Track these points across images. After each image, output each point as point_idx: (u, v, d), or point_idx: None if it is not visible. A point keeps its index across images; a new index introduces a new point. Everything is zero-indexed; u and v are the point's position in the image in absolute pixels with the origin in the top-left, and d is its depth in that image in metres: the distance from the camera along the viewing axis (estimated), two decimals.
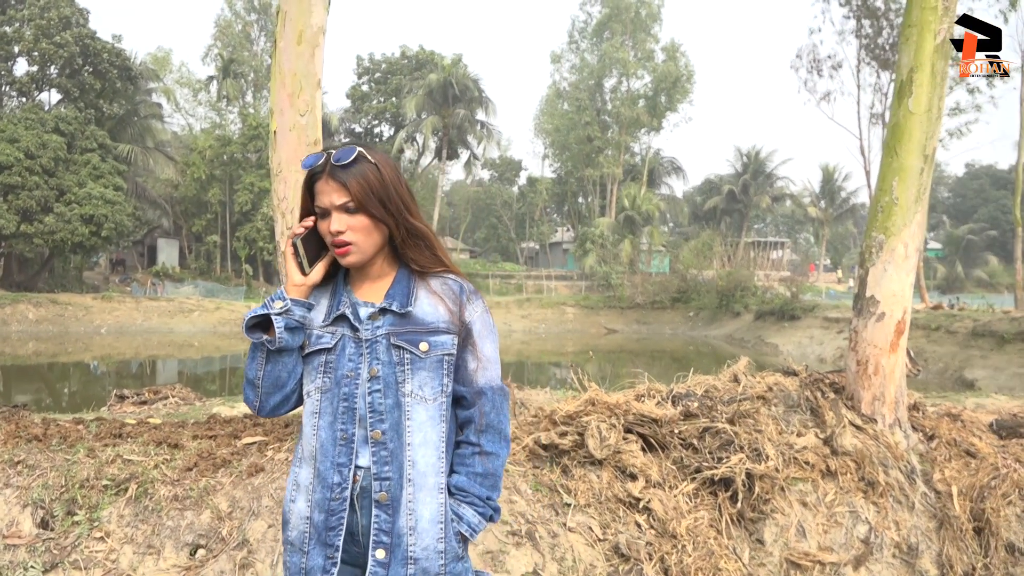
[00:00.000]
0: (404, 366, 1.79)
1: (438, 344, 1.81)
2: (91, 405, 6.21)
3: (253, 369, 1.84)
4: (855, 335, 4.40)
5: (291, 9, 3.67)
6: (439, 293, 1.86)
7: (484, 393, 1.87)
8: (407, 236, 1.84)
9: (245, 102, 46.88)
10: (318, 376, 1.83)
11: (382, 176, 1.78)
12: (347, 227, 1.76)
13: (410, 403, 1.78)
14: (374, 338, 1.80)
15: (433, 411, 1.81)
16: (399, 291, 1.84)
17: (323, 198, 1.77)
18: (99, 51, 34.06)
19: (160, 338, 30.51)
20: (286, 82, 3.71)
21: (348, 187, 1.74)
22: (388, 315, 1.82)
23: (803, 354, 25.82)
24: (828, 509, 3.93)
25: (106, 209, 31.52)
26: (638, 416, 4.02)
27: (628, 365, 26.18)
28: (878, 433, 4.16)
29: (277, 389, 1.84)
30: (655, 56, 47.89)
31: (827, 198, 55.16)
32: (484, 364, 1.88)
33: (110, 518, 3.56)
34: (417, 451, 1.78)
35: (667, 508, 3.72)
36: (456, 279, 1.90)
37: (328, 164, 1.77)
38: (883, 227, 4.25)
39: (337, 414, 1.80)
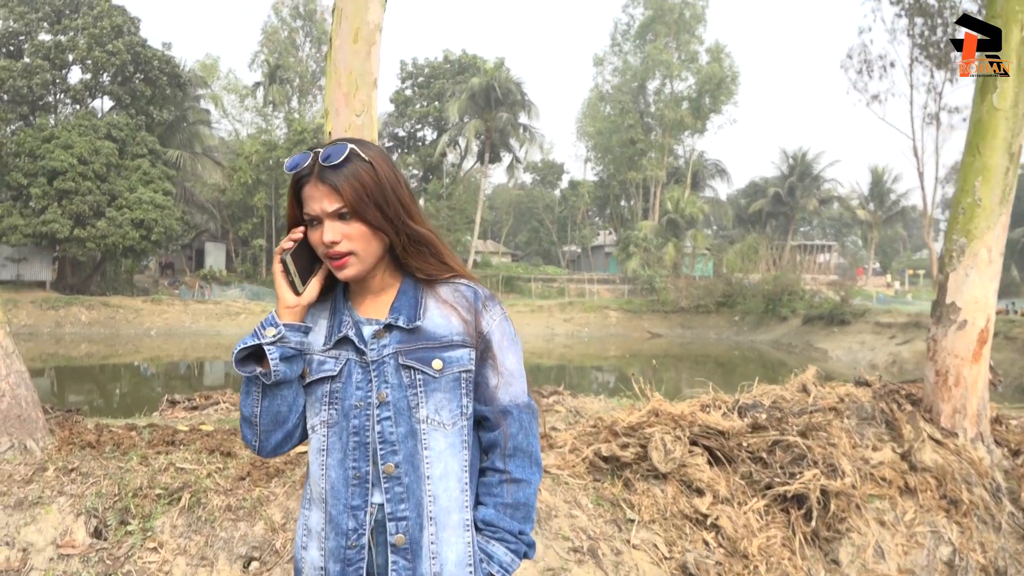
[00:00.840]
0: (417, 388, 1.56)
1: (453, 360, 1.59)
2: (142, 409, 6.21)
3: (248, 405, 1.61)
4: (934, 344, 4.17)
5: (347, 6, 3.57)
6: (451, 302, 1.63)
7: (509, 412, 1.65)
8: (408, 243, 1.61)
9: (290, 107, 47.45)
10: (323, 408, 1.60)
11: (378, 176, 1.55)
12: (342, 236, 1.53)
13: (426, 430, 1.56)
14: (381, 359, 1.58)
15: (453, 437, 1.59)
16: (405, 303, 1.62)
17: (313, 204, 1.54)
18: (149, 59, 34.70)
19: (207, 340, 30.97)
20: (341, 81, 3.61)
21: (340, 190, 1.51)
22: (395, 332, 1.59)
23: (853, 360, 25.25)
24: (908, 529, 3.72)
25: (156, 213, 32.09)
26: (704, 428, 3.84)
27: (672, 370, 25.86)
28: (960, 448, 3.93)
29: (277, 426, 1.62)
30: (699, 58, 47.43)
31: (876, 200, 53.97)
32: (507, 379, 1.65)
33: (163, 528, 3.49)
34: (437, 484, 1.56)
35: (737, 526, 3.53)
36: (469, 284, 1.68)
37: (316, 165, 1.54)
38: (965, 230, 4.02)
39: (347, 450, 1.56)
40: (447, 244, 1.70)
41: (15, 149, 31.50)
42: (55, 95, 35.57)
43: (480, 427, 1.67)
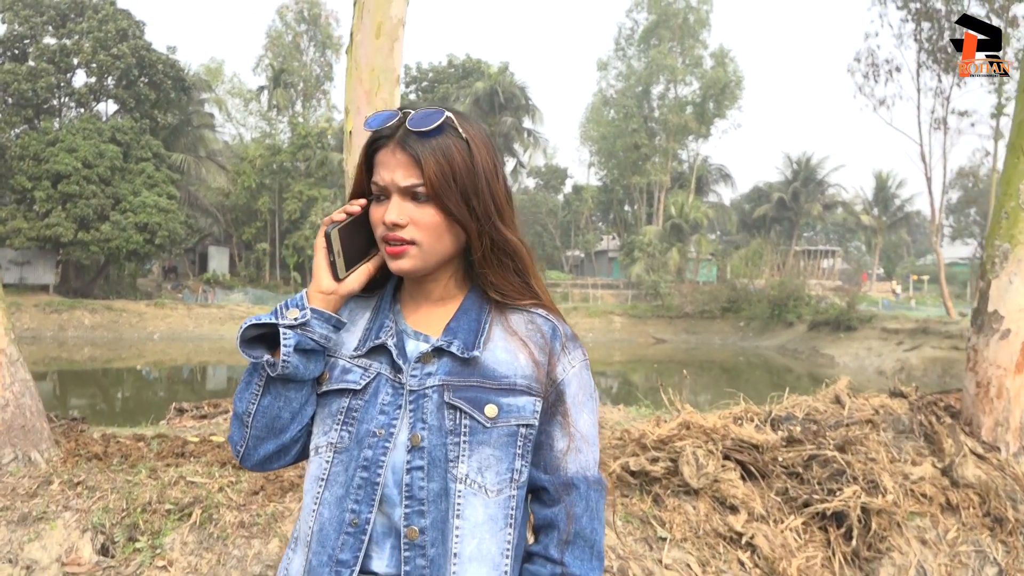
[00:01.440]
0: (460, 436, 1.23)
1: (513, 409, 1.25)
2: (146, 414, 6.06)
3: (244, 399, 1.28)
4: (974, 354, 4.01)
5: (369, 0, 3.43)
6: (521, 335, 1.31)
7: (575, 487, 1.30)
8: (492, 250, 1.30)
9: (295, 111, 47.36)
10: (333, 427, 1.27)
11: (472, 159, 1.25)
12: (409, 219, 1.24)
13: (463, 493, 1.22)
14: (421, 389, 1.25)
15: (496, 509, 1.24)
16: (465, 325, 1.30)
17: (384, 173, 1.24)
18: (154, 62, 34.62)
19: (211, 344, 30.84)
20: (363, 78, 3.46)
21: (422, 164, 1.21)
22: (445, 358, 1.27)
23: (861, 366, 25.06)
24: (950, 548, 3.55)
25: (160, 217, 31.99)
26: (736, 441, 3.68)
27: (677, 376, 25.69)
28: (1003, 463, 3.77)
29: (272, 434, 1.29)
30: (703, 62, 47.28)
31: (880, 205, 53.80)
32: (578, 443, 1.31)
33: (173, 545, 3.34)
34: (467, 567, 1.21)
35: (774, 545, 3.37)
36: (548, 317, 1.35)
37: (401, 128, 1.24)
38: (1008, 235, 3.86)
39: (350, 487, 1.23)
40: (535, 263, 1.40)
41: (19, 152, 31.39)
42: (59, 99, 35.47)
43: (534, 500, 1.34)
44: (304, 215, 42.16)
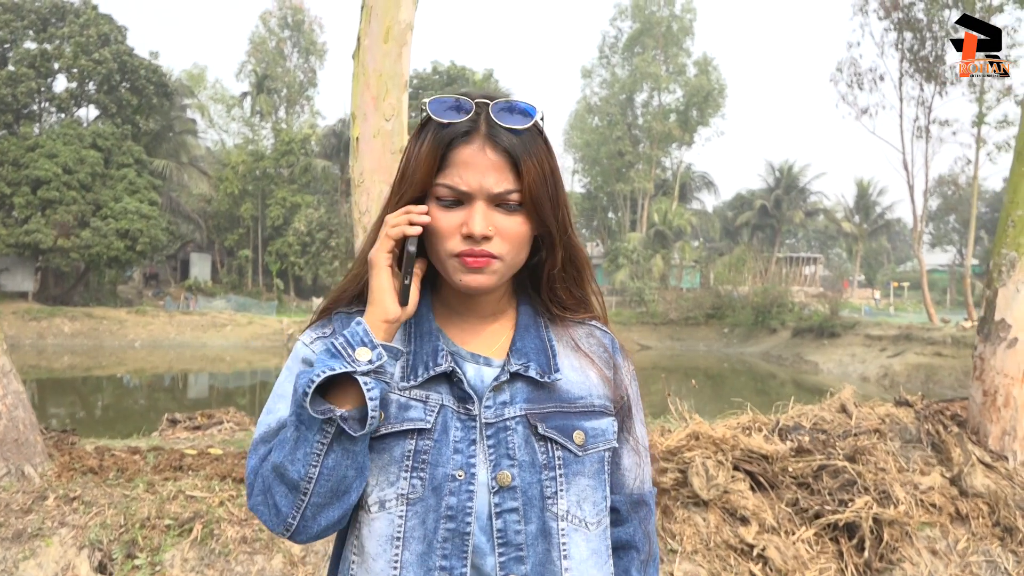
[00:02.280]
0: (555, 471, 1.11)
1: (598, 433, 1.16)
2: (127, 423, 5.95)
3: (302, 463, 1.03)
4: (981, 362, 4.00)
5: (377, 4, 3.36)
6: (586, 351, 1.21)
7: (646, 503, 1.26)
8: (566, 262, 1.18)
9: (278, 117, 47.15)
10: (401, 476, 1.08)
11: (553, 164, 1.12)
12: (496, 231, 1.08)
13: (565, 530, 1.11)
14: (500, 421, 1.11)
15: (597, 542, 1.15)
16: (532, 345, 1.17)
17: (469, 175, 1.06)
18: (136, 67, 34.37)
19: (193, 352, 30.57)
20: (371, 83, 3.39)
21: (520, 167, 1.07)
22: (520, 383, 1.14)
23: (844, 373, 25.19)
24: (961, 558, 3.53)
25: (141, 224, 31.69)
26: (746, 452, 3.65)
27: (660, 382, 25.68)
28: (1012, 473, 3.75)
29: (337, 499, 1.06)
30: (687, 70, 47.57)
31: (861, 213, 54.24)
32: (644, 458, 1.26)
33: (173, 562, 3.25)
34: None
35: (786, 557, 3.33)
36: (605, 329, 1.27)
37: (487, 122, 1.08)
38: (1015, 243, 3.86)
39: (434, 541, 1.07)
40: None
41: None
42: (40, 103, 35.13)
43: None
44: (287, 221, 41.94)
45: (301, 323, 34.56)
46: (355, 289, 1.19)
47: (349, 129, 3.56)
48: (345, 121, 46.88)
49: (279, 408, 1.14)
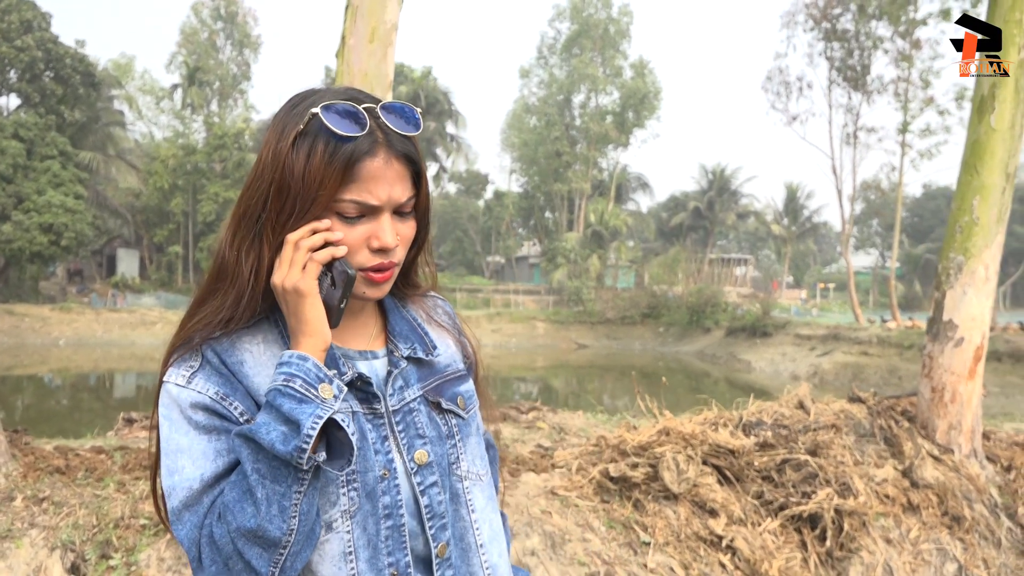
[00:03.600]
0: (455, 438, 1.19)
1: (470, 395, 1.25)
2: (49, 423, 5.78)
3: (280, 519, 0.97)
4: (929, 360, 4.22)
5: (363, 3, 3.36)
6: (440, 322, 1.30)
7: (493, 446, 1.39)
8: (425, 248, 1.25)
9: (210, 111, 46.02)
10: (340, 493, 1.07)
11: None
12: (399, 240, 1.10)
13: (469, 488, 1.20)
14: (405, 406, 1.15)
15: (488, 489, 1.26)
16: (403, 327, 1.23)
17: (379, 188, 1.04)
18: (61, 56, 33.15)
19: (121, 351, 29.66)
20: (355, 83, 3.40)
21: (420, 174, 1.10)
22: (409, 366, 1.19)
23: (776, 371, 25.94)
24: (913, 546, 3.72)
25: (66, 218, 30.60)
26: (713, 447, 3.78)
27: (598, 380, 26.04)
28: (958, 464, 3.97)
29: (310, 539, 1.03)
30: (624, 73, 48.18)
31: (790, 216, 55.83)
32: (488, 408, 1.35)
33: (149, 561, 3.21)
34: (491, 550, 1.22)
35: (753, 547, 3.47)
36: (442, 299, 1.36)
37: (384, 130, 1.05)
38: (963, 248, 4.08)
39: (379, 543, 1.09)
40: None
41: None
42: None
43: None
44: (220, 217, 41.01)
45: None
46: (229, 313, 1.09)
47: None
48: None
49: (184, 466, 1.03)
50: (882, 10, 25.72)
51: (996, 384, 17.40)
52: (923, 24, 24.79)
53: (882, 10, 25.72)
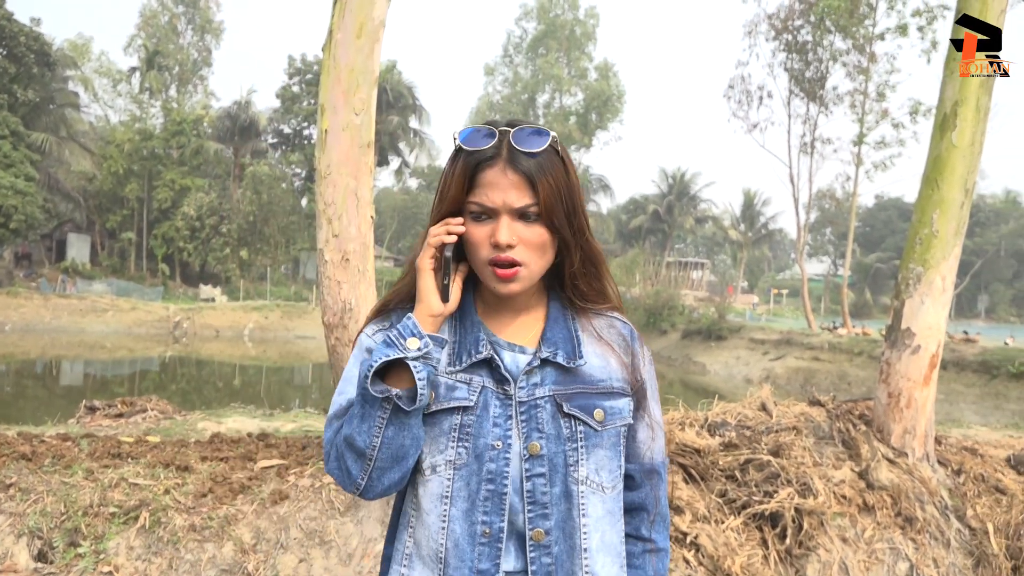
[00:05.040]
0: (577, 442, 1.31)
1: (615, 411, 1.35)
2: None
3: (366, 434, 1.26)
4: (887, 367, 4.36)
5: (351, 0, 3.38)
6: (608, 339, 1.41)
7: (657, 472, 1.45)
8: (584, 262, 1.36)
9: (168, 96, 45.19)
10: (449, 445, 1.31)
11: (570, 178, 1.30)
12: (519, 240, 1.27)
13: (584, 493, 1.31)
14: (531, 400, 1.32)
15: (612, 504, 1.36)
16: (560, 335, 1.37)
17: (494, 194, 1.26)
18: (15, 34, 32.24)
19: (69, 338, 28.98)
20: (341, 78, 3.40)
21: (536, 185, 1.25)
22: (549, 368, 1.34)
23: (730, 374, 26.35)
24: (868, 545, 3.86)
25: (16, 200, 29.83)
26: (680, 446, 3.87)
27: None
28: (911, 467, 4.12)
29: (396, 463, 1.28)
30: (588, 74, 48.48)
31: (747, 222, 56.71)
32: (656, 432, 1.45)
33: (118, 550, 3.20)
34: (595, 558, 1.32)
35: (717, 544, 3.57)
36: (624, 320, 1.46)
37: (507, 147, 1.27)
38: (922, 259, 4.23)
39: (476, 500, 1.29)
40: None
41: None
42: None
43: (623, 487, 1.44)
44: (176, 205, 40.33)
45: (189, 311, 33.34)
46: (406, 290, 1.39)
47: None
48: (240, 104, 45.40)
49: (348, 390, 1.35)
50: (839, 24, 26.24)
51: (941, 391, 17.89)
52: (880, 39, 25.36)
53: (839, 24, 26.24)
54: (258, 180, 39.64)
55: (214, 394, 17.70)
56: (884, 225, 70.25)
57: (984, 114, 4.12)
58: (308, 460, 3.81)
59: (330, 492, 3.56)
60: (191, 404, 12.36)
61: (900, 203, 70.35)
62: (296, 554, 3.29)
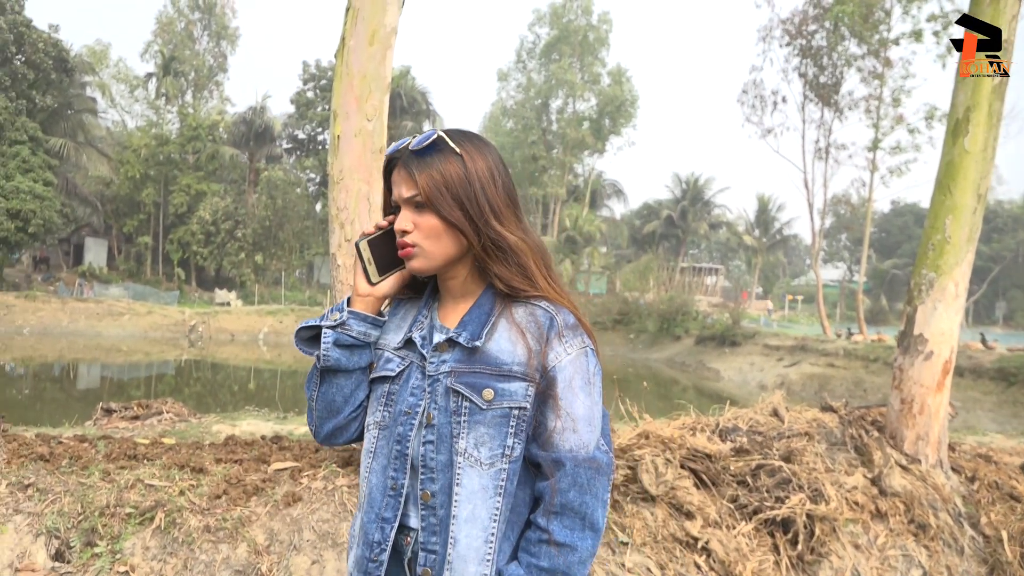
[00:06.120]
0: (461, 416, 1.42)
1: (506, 393, 1.41)
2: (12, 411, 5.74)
3: (309, 387, 1.59)
4: (900, 373, 4.35)
5: (364, 6, 3.41)
6: (521, 325, 1.46)
7: (562, 464, 1.42)
8: (489, 247, 1.46)
9: (184, 101, 45.55)
10: (379, 408, 1.53)
11: (466, 170, 1.44)
12: (413, 225, 1.46)
13: (462, 464, 1.42)
14: (436, 375, 1.47)
15: (488, 480, 1.41)
16: (475, 318, 1.48)
17: (395, 189, 1.50)
18: (34, 40, 32.64)
19: (86, 341, 29.23)
20: (354, 84, 3.45)
21: (416, 178, 1.44)
22: (456, 348, 1.47)
23: (744, 380, 26.24)
24: (880, 552, 3.85)
25: (34, 204, 30.15)
26: (691, 451, 3.87)
27: None
28: (924, 474, 4.11)
29: (331, 415, 1.56)
30: (601, 79, 48.49)
31: (761, 227, 56.50)
32: (567, 425, 1.43)
33: (134, 550, 3.23)
34: (461, 527, 1.41)
35: (728, 549, 3.57)
36: (548, 307, 1.47)
37: (406, 151, 1.48)
38: (934, 265, 4.22)
39: (390, 458, 1.49)
40: (548, 260, 1.54)
41: None
42: None
43: (537, 474, 1.47)
44: (191, 209, 40.63)
45: (204, 315, 33.55)
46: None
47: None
48: (256, 109, 45.72)
49: None
50: (853, 30, 26.13)
51: (958, 398, 17.70)
52: (895, 44, 25.25)
53: (853, 30, 26.13)
54: (273, 185, 39.91)
55: (229, 397, 17.82)
56: (900, 231, 69.78)
57: (997, 119, 4.11)
58: (321, 463, 3.84)
59: (343, 495, 3.59)
60: (206, 407, 12.45)
61: (917, 208, 69.88)
62: (309, 556, 3.31)
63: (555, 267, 1.61)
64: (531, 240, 1.51)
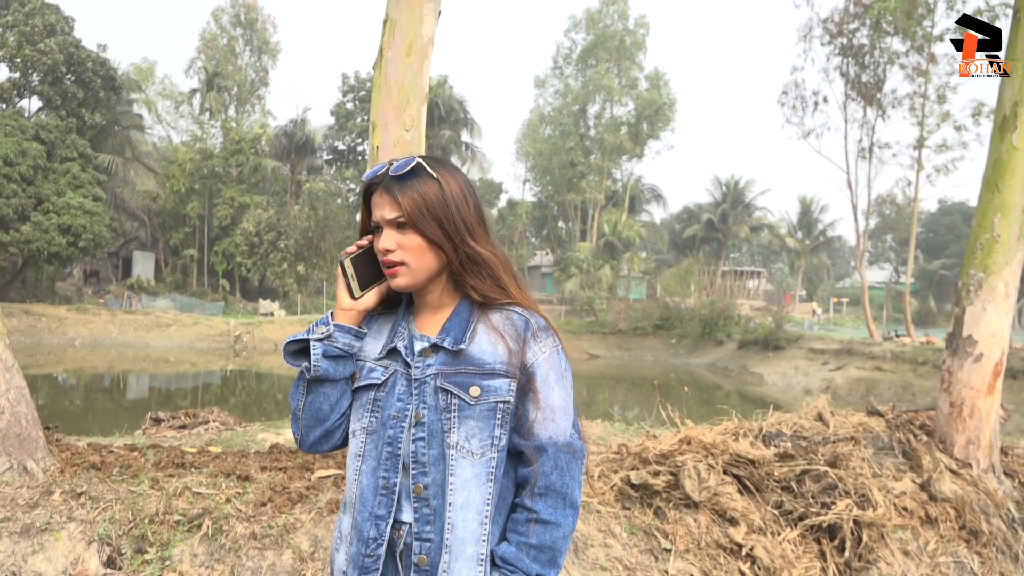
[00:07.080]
0: (451, 413, 1.56)
1: (491, 389, 1.57)
2: (64, 421, 5.87)
3: (295, 398, 1.67)
4: (949, 375, 4.26)
5: (401, 18, 3.46)
6: (499, 329, 1.62)
7: (544, 450, 1.59)
8: (465, 261, 1.62)
9: (228, 116, 46.40)
10: (365, 415, 1.64)
11: (443, 192, 1.59)
12: (397, 245, 1.58)
13: (455, 456, 1.55)
14: (423, 377, 1.59)
15: (480, 468, 1.56)
16: (455, 325, 1.63)
17: (376, 211, 1.61)
18: (83, 60, 33.52)
19: (135, 352, 29.86)
20: (392, 94, 3.49)
21: (399, 200, 1.56)
22: (441, 352, 1.60)
23: (788, 385, 25.86)
24: (931, 559, 3.76)
25: (84, 219, 30.87)
26: (734, 456, 3.83)
27: (609, 391, 26.03)
28: (976, 479, 4.01)
29: (318, 423, 1.66)
30: (639, 84, 48.21)
31: (804, 229, 55.71)
32: (546, 415, 1.60)
33: (183, 557, 3.29)
34: (457, 513, 1.55)
35: (773, 556, 3.52)
36: (522, 312, 1.64)
37: (386, 175, 1.61)
38: (983, 264, 4.13)
39: (381, 459, 1.60)
40: (514, 270, 1.71)
41: None
42: None
43: (519, 462, 1.63)
44: (235, 221, 41.32)
45: (248, 325, 34.09)
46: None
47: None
48: (296, 122, 46.39)
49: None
50: (897, 25, 25.66)
51: (1012, 401, 17.30)
52: (939, 40, 24.74)
53: (897, 25, 25.66)
54: (314, 196, 40.43)
55: (273, 406, 18.05)
56: (948, 230, 68.28)
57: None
58: None
59: None
60: (251, 416, 12.62)
61: (964, 207, 68.31)
62: None
63: (594, 272, 1.71)
64: (499, 253, 1.67)
